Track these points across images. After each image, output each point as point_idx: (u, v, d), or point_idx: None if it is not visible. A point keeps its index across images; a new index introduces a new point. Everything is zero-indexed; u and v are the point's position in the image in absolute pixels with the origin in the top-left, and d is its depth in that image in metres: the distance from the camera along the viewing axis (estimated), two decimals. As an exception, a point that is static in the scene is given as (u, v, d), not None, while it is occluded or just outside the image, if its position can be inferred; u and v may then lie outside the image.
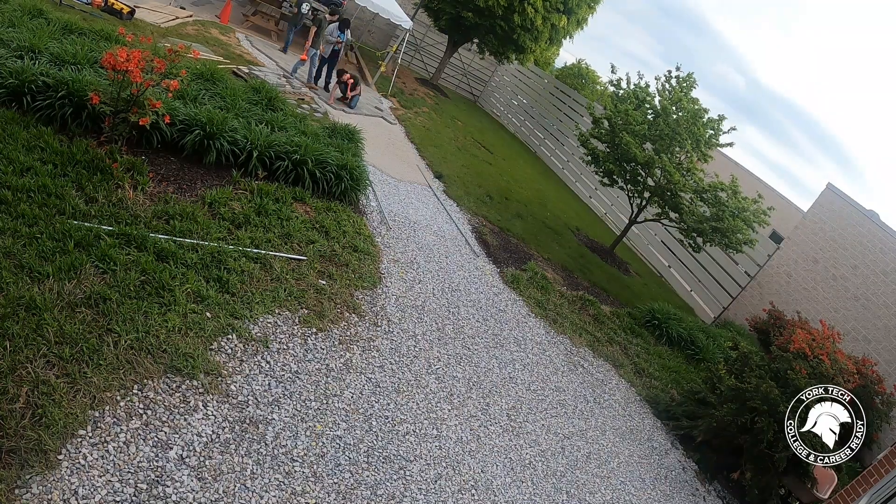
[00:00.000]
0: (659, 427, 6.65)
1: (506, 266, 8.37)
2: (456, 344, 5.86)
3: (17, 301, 3.43)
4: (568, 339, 7.29)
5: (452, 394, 5.11)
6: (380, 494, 3.76)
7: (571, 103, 18.73)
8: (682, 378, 7.87)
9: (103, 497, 2.82)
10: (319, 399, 4.16)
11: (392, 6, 14.36)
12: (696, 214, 9.81)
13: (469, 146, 14.72)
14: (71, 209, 4.39)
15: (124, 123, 5.37)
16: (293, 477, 3.50)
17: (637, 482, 5.51)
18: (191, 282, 4.34)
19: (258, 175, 6.37)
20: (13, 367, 3.09)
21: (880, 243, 10.41)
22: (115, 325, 3.66)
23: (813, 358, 6.71)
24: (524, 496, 4.49)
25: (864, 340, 9.93)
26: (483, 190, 11.32)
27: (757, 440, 5.84)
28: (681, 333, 8.83)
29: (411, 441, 4.33)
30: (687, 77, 10.82)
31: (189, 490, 3.08)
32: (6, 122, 4.98)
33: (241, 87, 8.06)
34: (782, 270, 11.74)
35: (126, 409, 3.26)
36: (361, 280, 5.80)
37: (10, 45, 5.92)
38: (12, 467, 2.70)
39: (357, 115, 11.65)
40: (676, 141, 10.26)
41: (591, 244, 12.00)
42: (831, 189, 11.70)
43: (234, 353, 4.07)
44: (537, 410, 5.61)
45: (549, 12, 16.84)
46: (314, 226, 6.15)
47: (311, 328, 4.73)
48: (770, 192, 15.19)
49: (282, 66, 12.32)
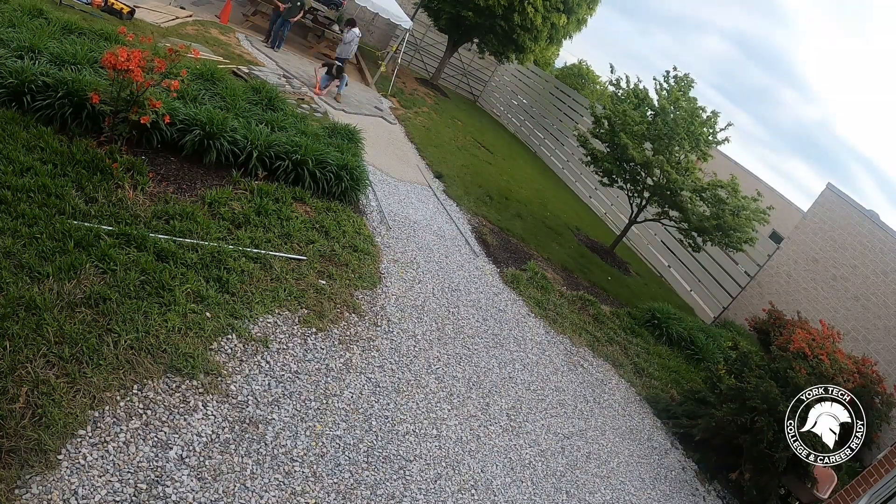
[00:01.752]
0: (659, 427, 6.66)
1: (506, 266, 8.37)
2: (456, 344, 5.86)
3: (17, 301, 3.43)
4: (568, 339, 7.29)
5: (452, 394, 5.11)
6: (379, 494, 3.76)
7: (571, 103, 18.74)
8: (682, 378, 7.87)
9: (103, 497, 2.82)
10: (319, 399, 4.16)
11: (392, 6, 14.37)
12: (696, 213, 9.83)
13: (469, 146, 14.72)
14: (71, 209, 4.39)
15: (124, 123, 5.37)
16: (293, 477, 3.50)
17: (637, 482, 5.51)
18: (191, 282, 4.34)
19: (258, 175, 6.38)
20: (13, 367, 3.09)
21: (880, 243, 10.42)
22: (115, 324, 3.66)
23: (813, 358, 6.72)
24: (524, 496, 4.49)
25: (863, 340, 9.94)
26: (483, 190, 11.32)
27: (757, 440, 5.84)
28: (681, 333, 8.84)
29: (411, 441, 4.33)
30: (684, 77, 10.84)
31: (189, 490, 3.08)
32: (6, 121, 4.98)
33: (241, 87, 8.06)
34: (782, 270, 11.74)
35: (126, 409, 3.26)
36: (361, 280, 5.80)
37: (10, 45, 5.91)
38: (12, 467, 2.70)
39: (357, 115, 11.66)
40: (675, 140, 10.27)
41: (590, 244, 12.01)
42: (831, 189, 11.70)
43: (233, 353, 4.07)
44: (537, 410, 5.61)
45: (549, 12, 16.84)
46: (314, 226, 6.15)
47: (310, 328, 4.73)
48: (770, 191, 15.23)
49: (281, 65, 12.32)
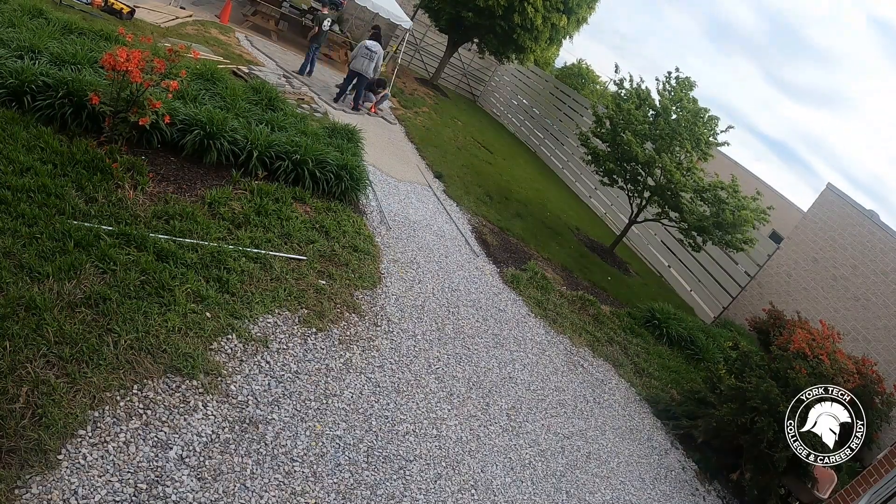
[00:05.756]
0: (659, 427, 6.66)
1: (506, 266, 8.37)
2: (456, 344, 5.86)
3: (17, 301, 3.43)
4: (568, 339, 7.29)
5: (452, 393, 5.11)
6: (379, 494, 3.76)
7: (571, 103, 18.74)
8: (682, 378, 7.87)
9: (103, 497, 2.82)
10: (319, 399, 4.16)
11: (392, 6, 14.36)
12: (696, 213, 9.82)
13: (469, 146, 14.72)
14: (71, 209, 4.39)
15: (124, 123, 5.37)
16: (293, 477, 3.50)
17: (637, 482, 5.51)
18: (190, 282, 4.34)
19: (258, 175, 6.38)
20: (13, 367, 3.09)
21: (880, 243, 10.41)
22: (115, 324, 3.66)
23: (813, 358, 6.71)
24: (524, 496, 4.49)
25: (863, 340, 9.93)
26: (483, 190, 11.32)
27: (757, 440, 5.84)
28: (681, 333, 8.84)
29: (411, 441, 4.33)
30: (686, 79, 10.86)
31: (189, 490, 3.08)
32: (6, 122, 4.98)
33: (241, 87, 8.06)
34: (782, 270, 11.74)
35: (126, 409, 3.26)
36: (361, 280, 5.80)
37: (10, 45, 5.91)
38: (12, 467, 2.70)
39: (357, 115, 11.66)
40: (677, 140, 10.27)
41: (590, 244, 12.00)
42: (831, 189, 11.70)
43: (233, 352, 4.07)
44: (537, 410, 5.61)
45: (549, 12, 16.84)
46: (314, 226, 6.15)
47: (310, 328, 4.73)
48: (770, 191, 15.21)
49: (281, 66, 12.32)
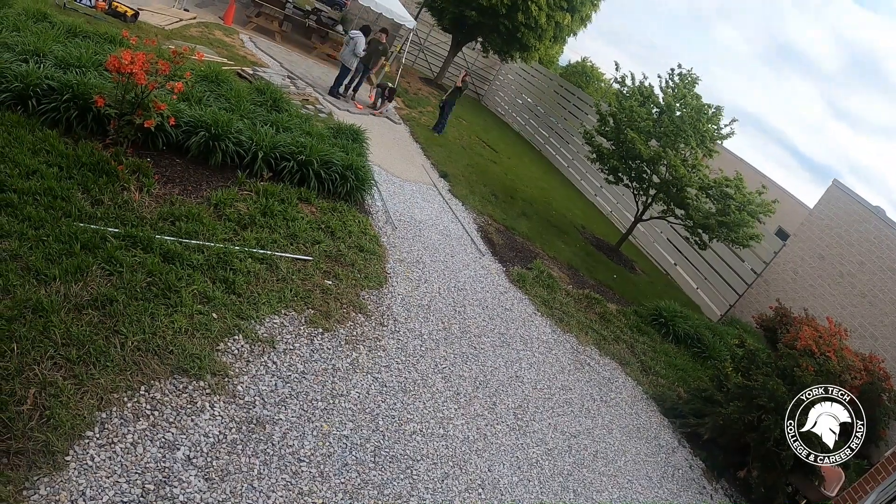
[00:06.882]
0: (666, 425, 6.63)
1: (511, 265, 8.36)
2: (462, 343, 5.86)
3: (25, 303, 3.45)
4: (574, 338, 7.27)
5: (459, 393, 5.11)
6: (387, 494, 3.76)
7: (576, 101, 18.69)
8: (689, 376, 7.84)
9: (111, 498, 2.83)
10: (326, 399, 4.16)
11: (395, 6, 14.35)
12: (701, 210, 9.78)
13: (474, 145, 14.70)
14: (77, 211, 4.41)
15: (129, 126, 5.39)
16: (300, 477, 3.51)
17: (644, 480, 5.49)
18: (197, 283, 4.35)
19: (263, 176, 6.39)
20: (21, 369, 3.10)
21: (887, 240, 10.34)
22: (122, 326, 3.67)
23: (820, 355, 6.68)
24: (531, 495, 4.48)
25: (870, 337, 9.87)
26: (488, 189, 11.30)
27: (764, 438, 5.82)
28: (687, 331, 8.81)
29: (418, 440, 4.33)
30: (689, 74, 10.81)
31: (196, 490, 3.09)
32: (12, 125, 5.00)
33: (245, 89, 8.08)
34: (788, 267, 11.68)
35: (133, 410, 3.27)
36: (367, 280, 5.80)
37: (15, 49, 5.94)
38: (20, 468, 2.71)
39: (361, 116, 11.66)
40: (681, 137, 10.23)
41: (596, 242, 11.97)
42: (837, 185, 11.62)
43: (240, 353, 4.08)
44: (544, 409, 5.60)
45: (553, 10, 16.82)
46: (320, 226, 6.15)
47: (317, 328, 4.74)
48: (775, 187, 15.12)
49: (286, 66, 12.34)
